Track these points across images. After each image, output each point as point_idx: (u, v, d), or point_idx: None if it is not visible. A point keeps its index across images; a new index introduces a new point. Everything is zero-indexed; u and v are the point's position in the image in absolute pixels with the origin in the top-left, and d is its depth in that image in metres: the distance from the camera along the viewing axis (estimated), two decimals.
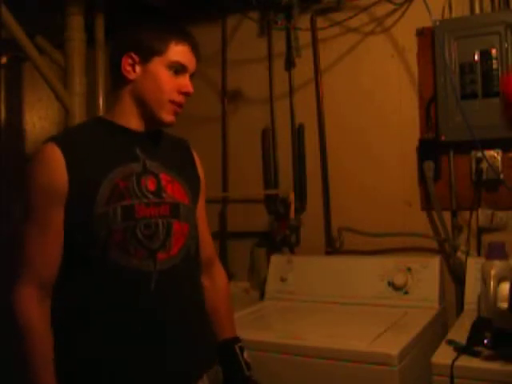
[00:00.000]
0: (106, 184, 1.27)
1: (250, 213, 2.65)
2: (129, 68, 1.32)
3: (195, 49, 1.35)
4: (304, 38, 2.51)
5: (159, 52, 1.30)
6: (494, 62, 2.07)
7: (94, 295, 1.28)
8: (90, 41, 2.53)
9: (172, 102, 1.32)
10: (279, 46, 2.58)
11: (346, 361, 1.65)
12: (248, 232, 2.64)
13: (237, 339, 1.51)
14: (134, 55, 1.31)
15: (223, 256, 2.69)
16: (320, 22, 2.48)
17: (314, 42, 2.50)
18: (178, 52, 1.31)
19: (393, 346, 1.64)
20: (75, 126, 1.43)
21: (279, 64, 2.59)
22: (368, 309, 2.12)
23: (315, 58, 2.51)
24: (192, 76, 1.36)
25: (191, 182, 1.43)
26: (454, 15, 2.22)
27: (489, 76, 2.08)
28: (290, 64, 2.56)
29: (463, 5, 2.21)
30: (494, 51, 2.07)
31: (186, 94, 1.34)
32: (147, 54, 1.30)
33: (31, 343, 1.22)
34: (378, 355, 1.62)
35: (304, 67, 2.53)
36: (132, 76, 1.32)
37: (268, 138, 2.62)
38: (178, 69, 1.31)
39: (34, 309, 1.24)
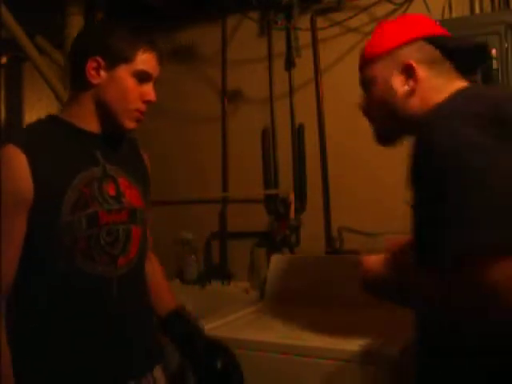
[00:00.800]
0: (71, 192, 1.26)
1: (250, 213, 2.65)
2: (93, 72, 1.29)
3: (160, 56, 1.35)
4: (304, 38, 2.51)
5: (126, 59, 1.29)
6: (494, 62, 2.07)
7: (60, 303, 1.28)
8: None
9: (136, 109, 1.32)
10: (279, 46, 2.57)
11: (345, 361, 1.65)
12: (248, 232, 2.64)
13: (183, 307, 1.55)
14: (99, 59, 1.29)
15: (223, 256, 2.70)
16: (320, 21, 2.48)
17: (314, 42, 2.50)
18: (145, 60, 1.31)
19: (393, 345, 1.64)
20: (31, 125, 1.39)
21: (279, 64, 2.59)
22: (368, 309, 2.12)
23: (315, 58, 2.50)
24: (155, 83, 1.36)
25: (143, 183, 1.45)
26: (454, 15, 2.21)
27: (489, 76, 2.08)
28: (290, 64, 2.56)
29: (463, 5, 2.21)
30: (494, 51, 2.07)
31: (148, 102, 1.34)
32: (114, 60, 1.29)
33: None
34: (377, 355, 1.62)
35: (304, 67, 2.53)
36: (96, 80, 1.30)
37: (268, 137, 2.62)
38: (143, 77, 1.31)
39: None
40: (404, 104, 1.12)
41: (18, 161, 1.21)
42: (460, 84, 1.12)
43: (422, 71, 1.11)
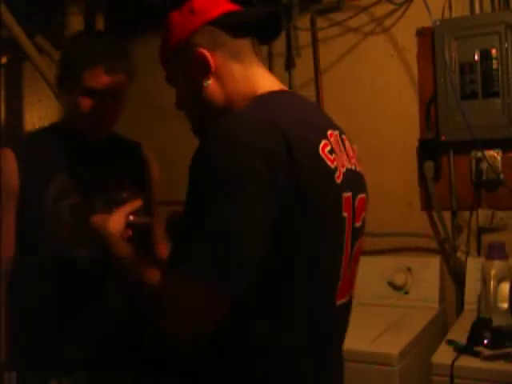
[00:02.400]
0: (53, 187, 1.39)
1: None
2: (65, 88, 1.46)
3: (110, 69, 1.38)
4: (304, 38, 2.51)
5: (75, 77, 1.37)
6: (494, 62, 2.07)
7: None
8: None
9: (89, 123, 1.41)
10: (279, 45, 2.57)
11: (346, 361, 1.64)
12: None
13: None
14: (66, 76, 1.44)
15: None
16: (320, 21, 2.48)
17: (314, 42, 2.50)
18: (90, 78, 1.37)
19: (393, 346, 1.64)
20: (31, 132, 1.59)
21: (279, 64, 2.59)
22: (368, 309, 2.12)
23: (315, 58, 2.50)
24: (116, 95, 1.41)
25: (137, 182, 1.53)
26: (454, 15, 2.21)
27: (489, 76, 2.08)
28: (289, 64, 2.56)
29: (463, 5, 2.21)
30: (494, 51, 2.07)
31: (100, 114, 1.40)
32: (68, 78, 1.41)
33: None
34: (377, 355, 1.62)
35: (304, 67, 2.53)
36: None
37: None
38: (90, 93, 1.38)
39: None
40: (210, 96, 1.04)
41: (8, 161, 1.38)
42: (262, 81, 1.05)
43: (218, 58, 1.03)
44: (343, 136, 1.10)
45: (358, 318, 2.04)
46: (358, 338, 1.72)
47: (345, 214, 0.98)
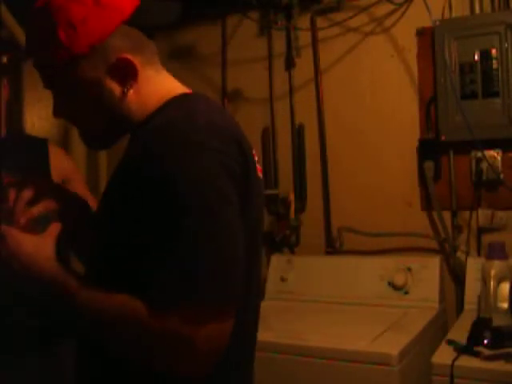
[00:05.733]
0: None
1: None
2: None
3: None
4: (304, 38, 2.51)
5: None
6: (494, 62, 2.07)
7: None
8: None
9: None
10: (279, 45, 2.57)
11: (345, 361, 1.65)
12: None
13: None
14: None
15: None
16: (320, 22, 2.48)
17: (314, 42, 2.50)
18: None
19: (393, 346, 1.64)
20: None
21: (279, 64, 2.59)
22: (368, 309, 2.12)
23: (315, 58, 2.50)
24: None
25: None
26: (454, 15, 2.21)
27: (489, 76, 2.08)
28: (290, 64, 2.56)
29: (463, 5, 2.21)
30: (494, 51, 2.07)
31: None
32: None
33: None
34: (378, 355, 1.62)
35: (304, 67, 2.53)
36: None
37: (268, 137, 2.62)
38: None
39: None
40: (122, 105, 0.93)
41: None
42: (172, 84, 0.98)
43: (137, 63, 0.92)
44: None
45: (358, 318, 2.05)
46: (357, 338, 1.73)
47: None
